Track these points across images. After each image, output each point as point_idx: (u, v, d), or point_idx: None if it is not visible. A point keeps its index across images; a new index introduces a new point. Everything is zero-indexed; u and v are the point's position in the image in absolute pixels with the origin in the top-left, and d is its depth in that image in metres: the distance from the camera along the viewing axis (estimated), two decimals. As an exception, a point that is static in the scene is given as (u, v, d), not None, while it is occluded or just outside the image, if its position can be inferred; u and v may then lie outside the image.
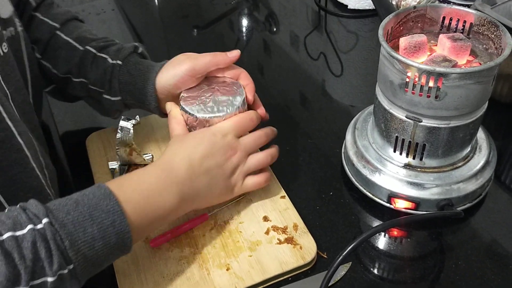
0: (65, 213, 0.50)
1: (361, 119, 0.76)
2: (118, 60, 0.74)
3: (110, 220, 0.52)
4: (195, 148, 0.63)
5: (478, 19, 0.65)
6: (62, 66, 0.76)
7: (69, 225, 0.49)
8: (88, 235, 0.50)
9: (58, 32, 0.77)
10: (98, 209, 0.52)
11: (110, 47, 0.76)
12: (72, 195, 0.53)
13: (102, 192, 0.53)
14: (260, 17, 1.23)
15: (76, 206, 0.51)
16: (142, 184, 0.58)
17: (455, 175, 0.67)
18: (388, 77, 0.63)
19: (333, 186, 0.75)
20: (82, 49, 0.75)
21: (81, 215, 0.50)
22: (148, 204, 0.57)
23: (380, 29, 0.64)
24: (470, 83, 0.58)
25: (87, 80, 0.75)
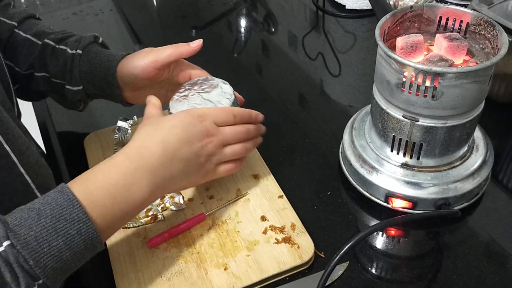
0: (27, 228, 0.48)
1: (358, 119, 0.77)
2: (78, 50, 0.73)
3: (76, 229, 0.50)
4: (170, 131, 0.59)
5: (475, 18, 0.65)
6: (24, 63, 0.76)
7: (32, 242, 0.48)
8: (54, 248, 0.49)
9: (16, 30, 0.77)
10: (61, 219, 0.49)
11: (68, 39, 0.76)
12: (34, 203, 0.51)
13: (65, 199, 0.50)
14: (258, 18, 1.23)
15: (38, 218, 0.49)
16: (109, 181, 0.54)
17: (452, 175, 0.67)
18: (385, 76, 0.63)
19: (330, 185, 0.75)
20: (41, 43, 0.75)
21: (44, 229, 0.48)
22: (116, 204, 0.54)
23: (377, 29, 0.64)
24: (467, 82, 0.58)
25: (48, 74, 0.75)
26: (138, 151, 0.58)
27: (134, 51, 0.74)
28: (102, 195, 0.53)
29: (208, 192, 0.73)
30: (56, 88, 0.76)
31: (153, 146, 0.58)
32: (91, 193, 0.53)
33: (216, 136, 0.63)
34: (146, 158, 0.57)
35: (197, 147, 0.61)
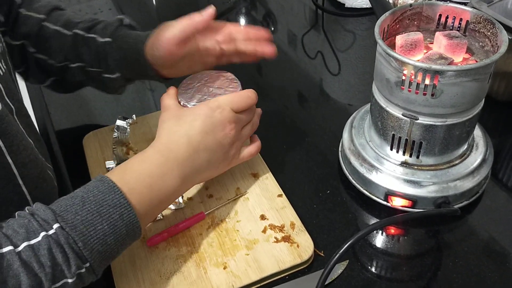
0: (73, 214, 0.51)
1: (358, 118, 0.76)
2: (106, 38, 0.73)
3: (118, 213, 0.53)
4: (192, 124, 0.62)
5: (474, 16, 0.65)
6: (57, 55, 0.76)
7: (79, 226, 0.50)
8: (99, 231, 0.51)
9: (45, 23, 0.77)
10: (104, 204, 0.52)
11: (96, 26, 0.76)
12: (76, 193, 0.54)
13: (106, 186, 0.54)
14: (257, 17, 1.23)
15: (83, 204, 0.52)
16: (144, 172, 0.58)
17: (452, 173, 0.67)
18: (385, 75, 0.63)
19: (330, 184, 0.75)
20: (71, 33, 0.75)
21: (90, 213, 0.51)
22: (151, 191, 0.57)
23: (376, 27, 0.63)
24: (466, 80, 0.58)
25: (84, 63, 0.76)
26: (166, 145, 0.61)
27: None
28: (139, 184, 0.57)
29: (207, 191, 0.72)
30: (93, 76, 0.76)
31: (178, 139, 0.61)
32: (128, 182, 0.56)
33: (236, 123, 0.65)
34: (174, 151, 0.61)
35: (220, 137, 0.64)
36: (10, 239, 0.47)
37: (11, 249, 0.47)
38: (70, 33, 0.76)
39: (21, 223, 0.49)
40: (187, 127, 0.62)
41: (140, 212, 0.55)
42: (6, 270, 0.46)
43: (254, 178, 0.74)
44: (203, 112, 0.64)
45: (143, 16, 1.29)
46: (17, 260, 0.46)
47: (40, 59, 0.77)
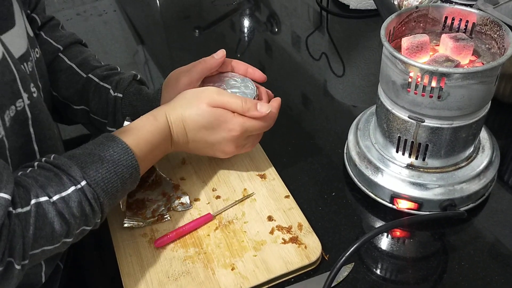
0: (95, 171, 0.56)
1: (363, 120, 0.77)
2: (118, 93, 0.75)
3: (129, 173, 0.59)
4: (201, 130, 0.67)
5: (481, 18, 0.65)
6: (63, 91, 0.77)
7: (100, 183, 0.56)
8: (114, 189, 0.58)
9: (61, 54, 0.78)
10: (120, 164, 0.58)
11: (112, 77, 0.77)
12: (90, 150, 0.58)
13: (120, 148, 0.59)
14: (261, 18, 1.23)
15: (102, 162, 0.57)
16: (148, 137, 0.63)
17: (458, 176, 0.67)
18: (391, 77, 0.63)
19: (335, 186, 0.75)
20: (85, 76, 0.76)
21: (108, 172, 0.57)
22: (152, 157, 0.65)
23: (382, 29, 0.64)
24: (473, 83, 0.58)
25: (88, 108, 0.77)
26: (165, 125, 0.65)
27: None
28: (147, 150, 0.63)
29: (214, 192, 0.73)
30: (95, 123, 0.78)
31: (178, 122, 0.66)
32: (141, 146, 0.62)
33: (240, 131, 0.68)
34: (173, 131, 0.66)
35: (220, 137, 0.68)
36: (45, 191, 0.53)
37: (47, 199, 0.52)
38: (84, 75, 0.76)
39: (51, 177, 0.54)
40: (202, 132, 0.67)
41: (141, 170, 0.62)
42: (42, 217, 0.51)
43: (261, 179, 0.74)
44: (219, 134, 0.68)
45: (147, 17, 1.29)
46: (52, 210, 0.52)
47: None
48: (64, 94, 0.77)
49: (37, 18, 0.78)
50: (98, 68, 0.78)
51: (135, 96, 0.75)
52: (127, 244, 0.66)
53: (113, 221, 0.69)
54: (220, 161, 0.77)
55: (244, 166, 0.76)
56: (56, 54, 0.77)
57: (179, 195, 0.72)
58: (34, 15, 0.78)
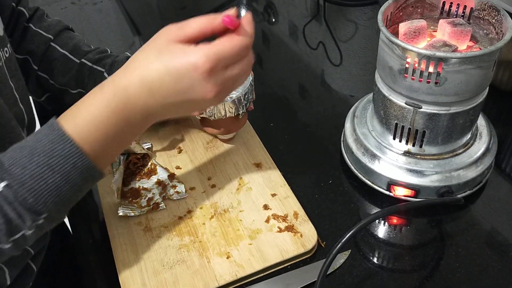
0: (21, 168, 0.48)
1: (360, 107, 0.76)
2: None
3: (70, 164, 0.49)
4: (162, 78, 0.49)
5: (479, 3, 0.64)
6: (59, 78, 0.78)
7: (28, 181, 0.48)
8: (51, 184, 0.48)
9: (53, 43, 0.78)
10: (54, 155, 0.48)
11: (105, 60, 0.77)
12: (27, 141, 0.50)
13: (55, 135, 0.49)
14: (258, 8, 1.22)
15: (31, 157, 0.48)
16: (96, 115, 0.50)
17: (455, 162, 0.66)
18: (388, 63, 0.62)
19: (332, 174, 0.74)
20: (78, 61, 0.77)
21: (39, 167, 0.48)
22: (108, 137, 0.51)
23: (380, 14, 0.63)
24: (471, 68, 0.58)
25: (85, 91, 0.76)
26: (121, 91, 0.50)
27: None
28: (94, 131, 0.50)
29: (210, 181, 0.72)
30: None
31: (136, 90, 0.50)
32: (82, 128, 0.50)
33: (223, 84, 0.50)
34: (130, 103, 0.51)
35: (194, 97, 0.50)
36: None
37: None
38: (77, 61, 0.77)
39: None
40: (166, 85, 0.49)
41: (96, 156, 0.50)
42: None
43: (257, 168, 0.73)
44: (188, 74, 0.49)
45: (143, 7, 1.28)
46: None
47: (41, 77, 0.78)
48: (61, 81, 0.78)
49: (24, 11, 0.78)
50: (90, 52, 0.79)
51: None
52: (122, 233, 0.66)
53: (108, 209, 0.69)
54: (216, 149, 0.77)
55: (240, 155, 0.75)
56: (48, 43, 0.78)
57: (175, 183, 0.71)
58: (21, 7, 0.78)
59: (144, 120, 0.52)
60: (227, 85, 0.51)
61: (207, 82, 0.49)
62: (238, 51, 0.50)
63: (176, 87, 0.49)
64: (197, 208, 0.69)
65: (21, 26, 0.77)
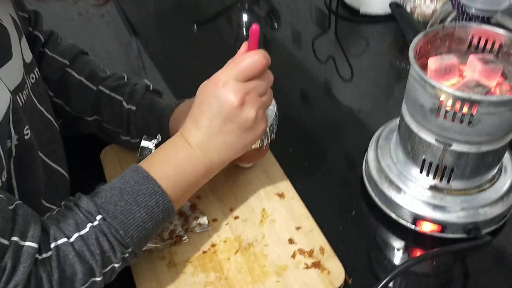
0: (113, 204, 0.55)
1: (383, 136, 0.75)
2: (132, 105, 0.74)
3: (154, 201, 0.57)
4: (199, 108, 0.61)
5: (508, 40, 0.64)
6: (75, 105, 0.77)
7: (119, 216, 0.55)
8: (138, 219, 0.56)
9: (69, 69, 0.77)
10: (140, 193, 0.56)
11: (123, 88, 0.76)
12: (114, 184, 0.58)
13: (141, 176, 0.58)
14: (261, 13, 1.21)
15: (121, 195, 0.56)
16: (171, 160, 0.61)
17: (482, 198, 0.66)
18: (418, 100, 0.62)
19: (354, 204, 0.74)
20: (95, 89, 0.76)
21: (128, 204, 0.56)
22: (181, 176, 0.60)
23: (411, 50, 0.62)
24: (505, 110, 0.57)
25: (100, 118, 0.76)
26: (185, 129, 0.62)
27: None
28: (170, 170, 0.60)
29: (232, 213, 0.71)
30: (108, 132, 0.77)
31: (189, 126, 0.62)
32: (159, 169, 0.59)
33: (247, 93, 0.60)
34: (190, 139, 0.61)
35: (231, 115, 0.59)
36: (63, 231, 0.52)
37: (65, 241, 0.52)
38: (94, 88, 0.76)
39: (69, 215, 0.54)
40: (196, 112, 0.61)
41: (172, 196, 0.59)
42: (63, 260, 0.51)
43: (279, 198, 0.72)
44: (208, 90, 0.60)
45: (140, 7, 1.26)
46: (71, 251, 0.51)
47: (57, 103, 0.77)
48: (77, 108, 0.77)
49: (40, 36, 0.77)
50: (107, 79, 0.77)
51: (147, 110, 0.75)
52: (146, 268, 0.65)
53: (130, 243, 0.67)
54: (236, 177, 0.76)
55: (260, 183, 0.75)
56: (64, 69, 0.77)
57: (197, 215, 0.70)
58: (37, 32, 0.77)
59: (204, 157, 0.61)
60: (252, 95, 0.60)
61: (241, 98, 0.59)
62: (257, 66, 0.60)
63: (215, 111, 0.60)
64: (221, 241, 0.68)
65: (37, 51, 0.76)
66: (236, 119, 0.60)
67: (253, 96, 0.60)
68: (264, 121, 0.64)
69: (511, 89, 0.63)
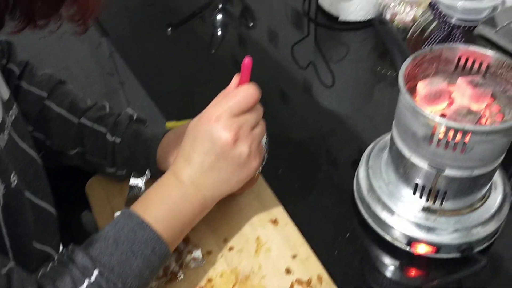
0: (109, 255, 0.54)
1: (373, 156, 0.75)
2: (116, 137, 0.72)
3: (150, 248, 0.56)
4: (191, 144, 0.60)
5: (496, 61, 0.64)
6: (57, 139, 0.74)
7: (116, 268, 0.54)
8: (135, 269, 0.55)
9: (47, 102, 0.74)
10: (136, 241, 0.56)
11: (106, 119, 0.73)
12: (107, 233, 0.56)
13: (135, 223, 0.57)
14: (234, 12, 1.19)
15: (116, 245, 0.55)
16: (163, 198, 0.60)
17: (475, 218, 0.67)
18: (410, 127, 0.61)
19: (348, 226, 0.73)
20: (77, 122, 0.73)
21: (123, 254, 0.55)
22: (175, 217, 0.60)
23: (401, 77, 0.62)
24: (498, 137, 0.58)
25: (83, 150, 0.74)
26: (173, 172, 0.62)
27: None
28: (162, 212, 0.59)
29: (226, 243, 0.70)
30: (91, 164, 0.75)
31: (181, 164, 0.61)
32: (152, 212, 0.58)
33: (241, 128, 0.60)
34: (181, 177, 0.61)
35: (225, 150, 0.59)
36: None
37: None
38: (76, 121, 0.73)
39: (64, 272, 0.52)
40: (187, 150, 0.61)
41: (168, 239, 0.58)
42: None
43: (273, 225, 0.72)
44: (200, 127, 0.60)
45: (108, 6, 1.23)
46: None
47: (37, 138, 0.74)
48: (59, 142, 0.74)
49: (14, 69, 0.74)
50: (88, 110, 0.75)
51: (133, 141, 0.73)
52: (144, 309, 0.64)
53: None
54: (228, 205, 0.75)
55: (253, 210, 0.74)
56: (42, 102, 0.74)
57: (190, 248, 0.69)
58: (11, 65, 0.74)
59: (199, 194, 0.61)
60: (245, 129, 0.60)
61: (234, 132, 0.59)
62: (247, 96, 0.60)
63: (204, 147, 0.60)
64: (217, 276, 0.67)
65: (12, 85, 0.73)
66: (229, 155, 0.60)
67: (246, 130, 0.60)
68: (259, 155, 0.64)
69: (500, 110, 0.63)
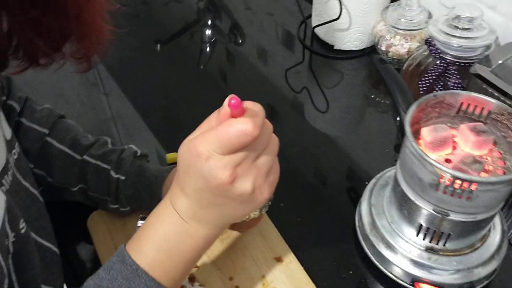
0: None
1: (375, 193, 0.77)
2: (121, 175, 0.72)
3: None
4: (184, 178, 0.52)
5: (497, 108, 0.66)
6: (58, 176, 0.74)
7: None
8: None
9: (49, 138, 0.74)
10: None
11: (109, 156, 0.73)
12: (101, 280, 0.52)
13: (129, 271, 0.52)
14: (224, 28, 1.20)
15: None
16: (159, 236, 0.53)
17: (476, 258, 0.68)
18: (416, 173, 0.63)
19: (350, 263, 0.75)
20: (79, 158, 0.73)
21: None
22: (176, 257, 0.54)
23: (407, 125, 0.63)
24: (503, 186, 0.59)
25: (86, 187, 0.73)
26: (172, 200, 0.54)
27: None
28: (158, 252, 0.53)
29: (232, 282, 0.71)
30: (94, 200, 0.75)
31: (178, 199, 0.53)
32: (149, 254, 0.53)
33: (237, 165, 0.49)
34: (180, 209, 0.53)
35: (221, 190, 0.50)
36: None
37: None
38: (79, 158, 0.73)
39: None
40: (182, 179, 0.52)
41: (170, 282, 0.54)
42: None
43: (277, 263, 0.73)
44: (191, 164, 0.50)
45: None
46: None
47: (38, 175, 0.73)
48: (61, 179, 0.74)
49: (14, 106, 0.73)
50: (91, 146, 0.75)
51: (137, 178, 0.73)
52: None
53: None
54: (232, 241, 0.75)
55: (258, 247, 0.75)
56: (43, 139, 0.74)
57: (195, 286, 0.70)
58: (11, 101, 0.73)
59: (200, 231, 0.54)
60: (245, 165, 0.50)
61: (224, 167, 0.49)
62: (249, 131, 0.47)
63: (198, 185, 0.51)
64: (225, 316, 0.68)
65: (12, 122, 0.72)
66: (228, 195, 0.51)
67: (245, 166, 0.50)
68: (268, 187, 0.53)
69: (501, 157, 0.65)
